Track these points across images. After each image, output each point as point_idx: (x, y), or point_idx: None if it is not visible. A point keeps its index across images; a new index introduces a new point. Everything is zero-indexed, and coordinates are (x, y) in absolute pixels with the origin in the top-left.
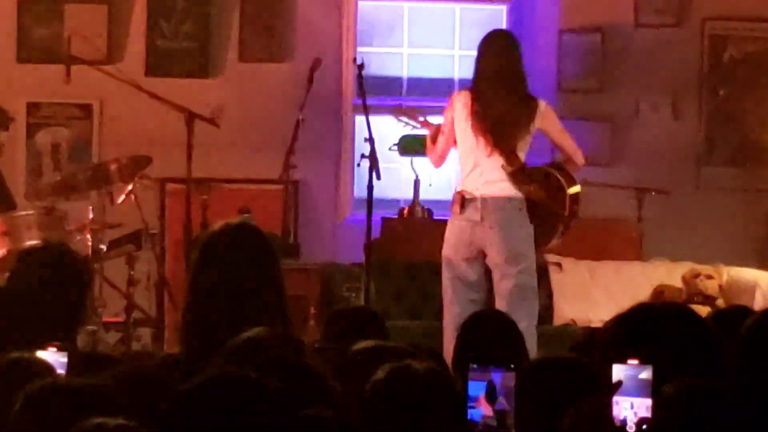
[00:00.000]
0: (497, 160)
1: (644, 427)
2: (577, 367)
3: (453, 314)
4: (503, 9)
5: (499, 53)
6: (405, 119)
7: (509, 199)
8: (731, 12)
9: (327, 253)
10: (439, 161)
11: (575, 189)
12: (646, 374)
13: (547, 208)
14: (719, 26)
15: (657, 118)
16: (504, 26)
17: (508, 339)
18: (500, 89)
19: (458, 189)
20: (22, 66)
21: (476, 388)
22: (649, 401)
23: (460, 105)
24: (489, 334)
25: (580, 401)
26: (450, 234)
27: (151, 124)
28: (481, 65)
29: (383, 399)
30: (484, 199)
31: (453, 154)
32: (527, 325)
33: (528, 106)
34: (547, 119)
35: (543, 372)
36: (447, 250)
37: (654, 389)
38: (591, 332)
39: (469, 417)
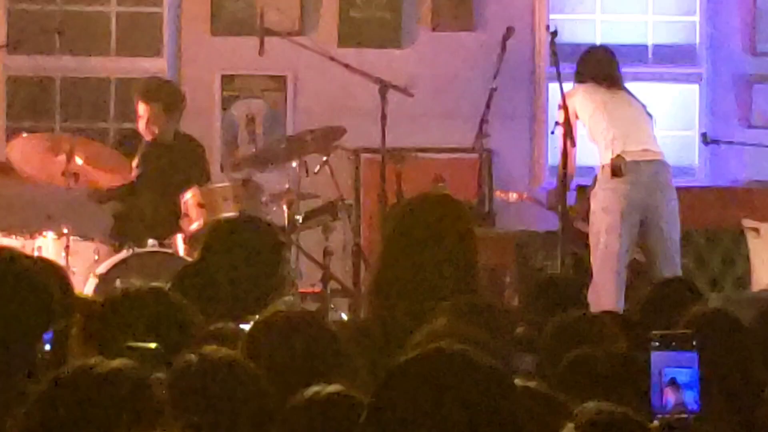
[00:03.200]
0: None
1: None
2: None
3: (621, 271)
4: None
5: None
6: None
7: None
8: None
9: (522, 222)
10: None
11: None
12: None
13: None
14: None
15: None
16: None
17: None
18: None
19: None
20: (216, 38)
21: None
22: None
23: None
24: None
25: None
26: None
27: (345, 94)
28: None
29: (572, 379)
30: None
31: None
32: None
33: None
34: None
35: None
36: (618, 213)
37: None
38: None
39: (657, 402)
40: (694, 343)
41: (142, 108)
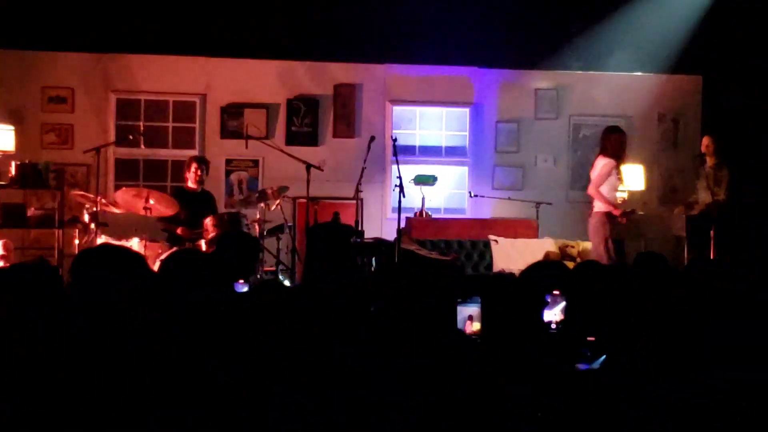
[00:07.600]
0: None
1: (559, 325)
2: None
3: None
4: (467, 111)
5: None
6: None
7: None
8: (585, 111)
9: (378, 235)
10: None
11: None
12: (561, 300)
13: None
14: (578, 119)
15: (546, 165)
16: (467, 120)
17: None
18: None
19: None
20: (223, 140)
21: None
22: (561, 310)
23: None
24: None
25: (521, 313)
26: None
27: (289, 169)
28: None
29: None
30: None
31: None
32: None
33: None
34: None
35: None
36: None
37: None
38: (512, 275)
39: (462, 329)
40: (478, 298)
41: (194, 168)
